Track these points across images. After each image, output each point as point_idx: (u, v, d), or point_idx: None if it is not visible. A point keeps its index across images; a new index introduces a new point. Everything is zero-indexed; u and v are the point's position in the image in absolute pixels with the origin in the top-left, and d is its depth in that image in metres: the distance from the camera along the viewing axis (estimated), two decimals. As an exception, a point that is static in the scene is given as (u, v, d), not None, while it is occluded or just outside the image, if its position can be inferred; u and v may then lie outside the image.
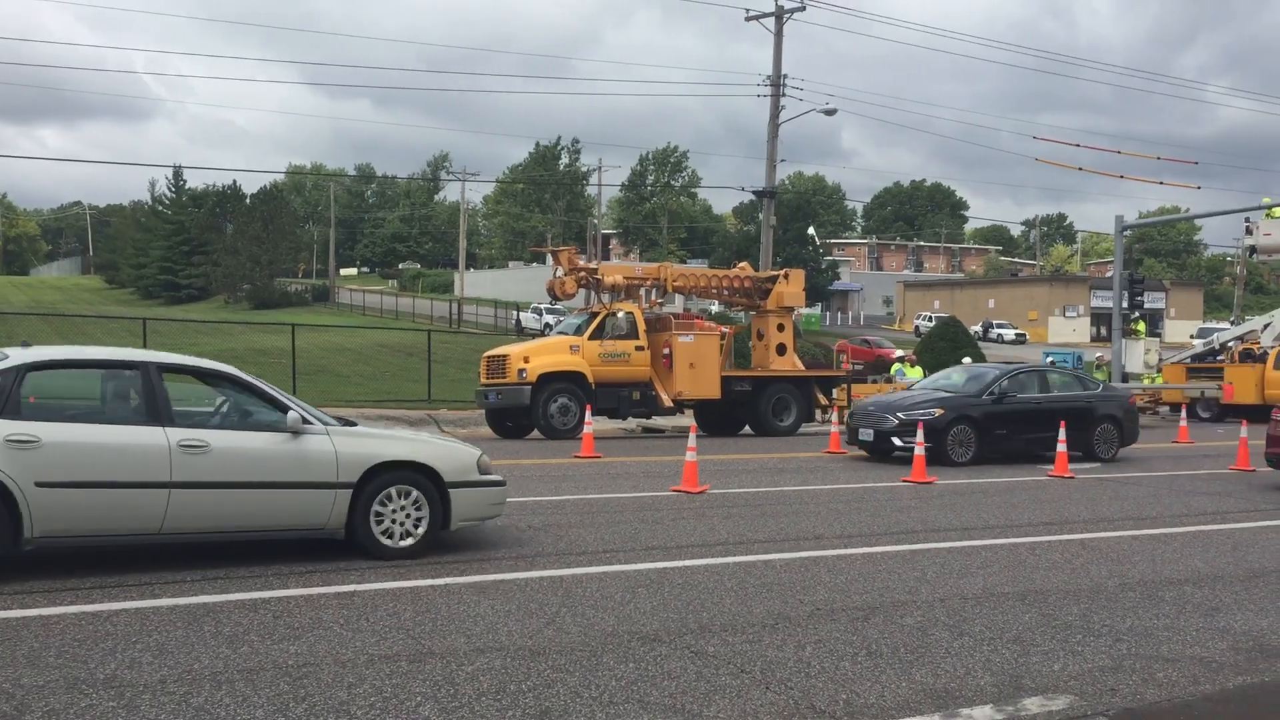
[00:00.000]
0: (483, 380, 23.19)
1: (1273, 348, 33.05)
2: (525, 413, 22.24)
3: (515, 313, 67.79)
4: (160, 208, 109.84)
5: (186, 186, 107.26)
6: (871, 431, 18.61)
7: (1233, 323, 58.61)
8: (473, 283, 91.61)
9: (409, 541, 9.18)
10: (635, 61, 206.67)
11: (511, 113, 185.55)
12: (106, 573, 8.28)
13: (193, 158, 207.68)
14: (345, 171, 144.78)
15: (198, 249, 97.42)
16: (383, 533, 9.09)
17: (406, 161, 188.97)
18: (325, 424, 9.10)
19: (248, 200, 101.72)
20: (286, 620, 7.11)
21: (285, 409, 8.88)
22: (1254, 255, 35.19)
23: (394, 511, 9.13)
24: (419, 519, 9.23)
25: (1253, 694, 6.23)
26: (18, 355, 8.35)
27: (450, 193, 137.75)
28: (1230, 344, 35.46)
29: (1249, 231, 32.80)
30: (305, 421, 8.91)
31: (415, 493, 9.22)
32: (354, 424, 9.55)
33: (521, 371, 22.18)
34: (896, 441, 18.22)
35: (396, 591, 8.00)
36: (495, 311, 69.77)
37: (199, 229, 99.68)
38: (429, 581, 8.34)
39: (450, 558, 9.27)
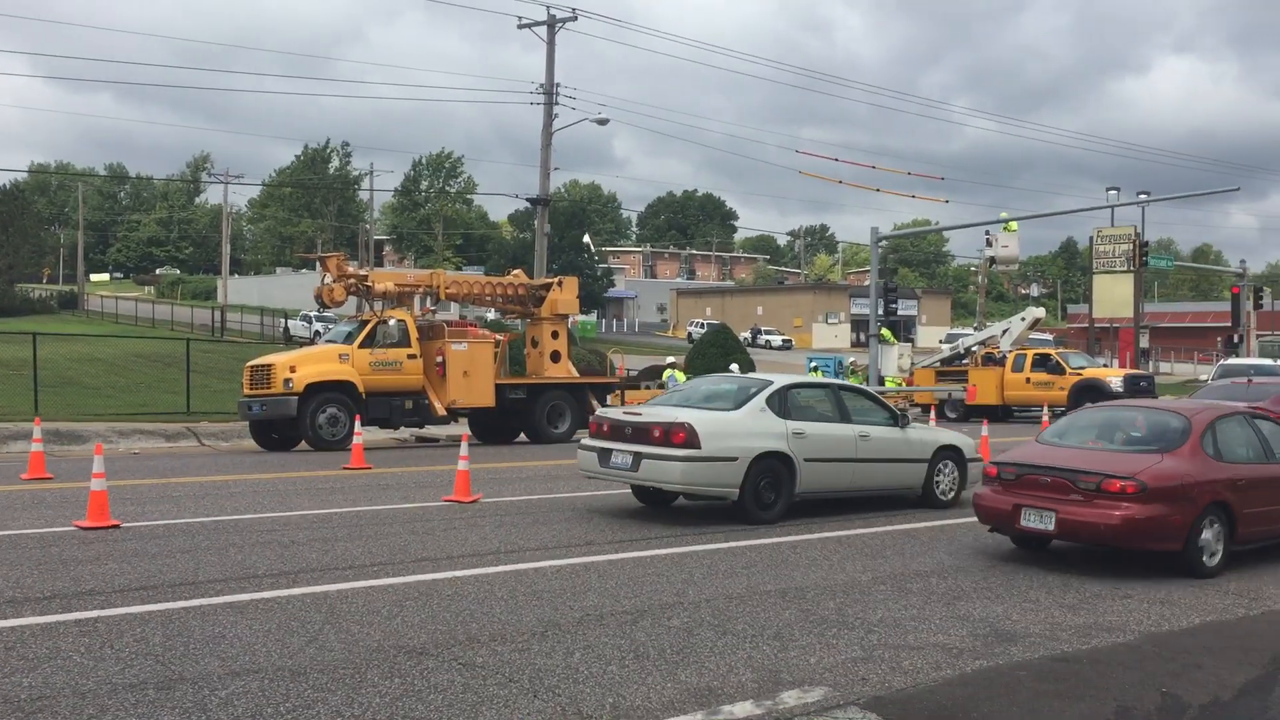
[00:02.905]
0: (246, 391, 22.23)
1: (1010, 352, 35.62)
2: (292, 424, 21.50)
3: (283, 321, 65.28)
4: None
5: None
6: None
7: (976, 329, 62.58)
8: (237, 289, 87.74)
9: (949, 496, 13.96)
10: (403, 64, 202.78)
11: (276, 113, 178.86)
12: None
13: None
14: (94, 171, 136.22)
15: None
16: (938, 491, 13.85)
17: (163, 162, 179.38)
18: (910, 420, 13.89)
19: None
20: (20, 651, 6.62)
21: (895, 412, 13.76)
22: (994, 265, 37.72)
23: (944, 478, 13.89)
24: (953, 484, 14.02)
25: (989, 676, 6.67)
26: (780, 379, 13.19)
27: (212, 195, 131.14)
28: (974, 349, 37.91)
29: (989, 244, 35.13)
30: (904, 419, 13.63)
31: (952, 465, 14.02)
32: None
33: (287, 381, 21.42)
34: None
35: (144, 615, 7.58)
36: (262, 319, 66.84)
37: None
38: (180, 604, 7.93)
39: (205, 579, 8.85)
